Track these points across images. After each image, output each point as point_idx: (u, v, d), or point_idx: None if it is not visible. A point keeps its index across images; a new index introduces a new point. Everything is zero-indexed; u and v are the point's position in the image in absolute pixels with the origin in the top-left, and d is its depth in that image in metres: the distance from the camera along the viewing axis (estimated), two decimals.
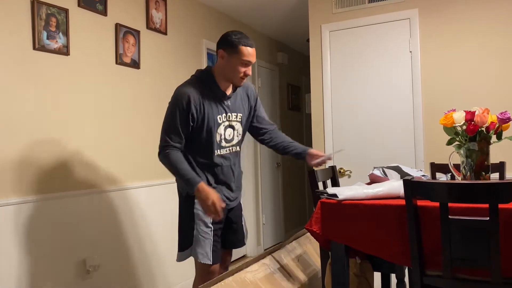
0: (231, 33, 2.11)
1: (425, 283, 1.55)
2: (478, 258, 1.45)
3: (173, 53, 3.52)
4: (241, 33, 2.12)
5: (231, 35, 2.09)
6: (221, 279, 1.88)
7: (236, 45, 2.07)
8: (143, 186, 3.16)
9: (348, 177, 3.48)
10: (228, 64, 2.11)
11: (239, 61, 2.08)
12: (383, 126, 3.37)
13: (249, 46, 2.09)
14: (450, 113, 1.83)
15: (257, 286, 2.04)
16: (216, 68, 2.17)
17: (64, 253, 2.57)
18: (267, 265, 2.22)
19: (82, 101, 2.72)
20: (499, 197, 1.38)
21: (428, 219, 1.53)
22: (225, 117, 2.19)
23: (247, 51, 2.08)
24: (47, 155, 2.51)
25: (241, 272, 2.01)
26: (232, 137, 2.25)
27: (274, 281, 2.16)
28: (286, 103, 5.42)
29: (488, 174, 1.79)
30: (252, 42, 2.12)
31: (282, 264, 2.32)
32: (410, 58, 3.27)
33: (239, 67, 2.09)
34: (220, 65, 2.14)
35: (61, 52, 2.57)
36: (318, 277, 2.50)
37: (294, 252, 2.54)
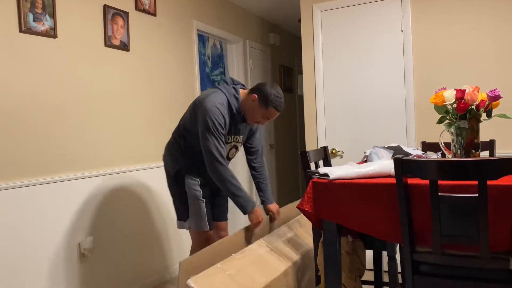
0: (273, 91, 2.26)
1: (416, 259, 1.58)
2: (467, 234, 1.47)
3: (163, 35, 3.48)
4: (280, 93, 2.29)
5: (272, 94, 2.25)
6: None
7: (269, 105, 2.26)
8: (136, 169, 3.15)
9: (340, 158, 3.50)
10: (253, 109, 2.30)
11: (262, 114, 2.29)
12: (375, 106, 3.38)
13: (279, 111, 2.30)
14: (440, 92, 1.83)
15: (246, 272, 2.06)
16: (243, 99, 2.33)
17: (59, 236, 2.57)
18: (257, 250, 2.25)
19: (71, 85, 2.69)
20: (487, 174, 1.40)
21: (419, 196, 1.55)
22: (233, 138, 2.41)
23: (274, 113, 2.29)
24: (37, 138, 2.49)
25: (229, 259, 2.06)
26: (233, 155, 2.51)
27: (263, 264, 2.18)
28: (278, 84, 5.39)
29: (478, 151, 1.81)
30: (283, 106, 2.31)
31: (271, 247, 2.35)
32: (402, 37, 3.26)
33: (260, 118, 2.32)
34: (248, 103, 2.31)
35: (48, 34, 2.53)
36: (310, 256, 2.53)
37: (285, 236, 2.57)
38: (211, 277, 1.88)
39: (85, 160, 2.78)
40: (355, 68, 3.44)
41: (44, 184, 2.50)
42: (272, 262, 2.25)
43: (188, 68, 3.77)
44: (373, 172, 1.73)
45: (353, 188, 1.68)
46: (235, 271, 2.00)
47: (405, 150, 2.18)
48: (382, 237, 1.68)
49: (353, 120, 3.45)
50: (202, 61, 4.15)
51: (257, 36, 4.93)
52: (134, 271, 3.12)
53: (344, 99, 3.48)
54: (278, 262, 2.29)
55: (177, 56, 3.63)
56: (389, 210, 1.60)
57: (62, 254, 2.59)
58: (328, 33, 3.52)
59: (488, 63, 3.01)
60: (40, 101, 2.51)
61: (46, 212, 2.51)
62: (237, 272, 2.00)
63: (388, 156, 2.07)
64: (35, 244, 2.45)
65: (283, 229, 2.61)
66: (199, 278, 1.82)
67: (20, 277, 2.36)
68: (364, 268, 2.17)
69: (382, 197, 1.62)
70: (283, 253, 2.38)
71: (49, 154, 2.55)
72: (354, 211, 1.68)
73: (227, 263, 2.01)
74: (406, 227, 1.54)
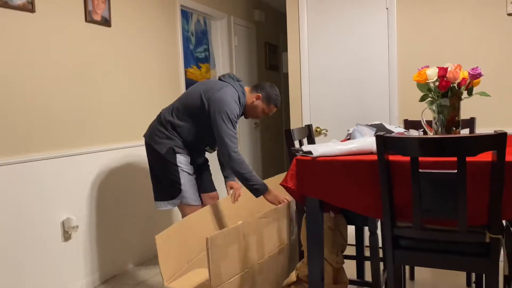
0: (274, 91, 2.59)
1: (396, 234, 1.61)
2: (445, 209, 1.50)
3: (146, 10, 3.40)
4: (279, 94, 2.63)
5: (273, 93, 2.58)
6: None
7: (271, 103, 2.59)
8: (118, 147, 3.13)
9: (324, 136, 3.53)
10: (256, 106, 2.59)
11: (262, 110, 2.61)
12: (359, 84, 3.39)
13: (277, 107, 2.64)
14: (423, 70, 1.84)
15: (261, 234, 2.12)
16: (248, 96, 2.59)
17: (43, 215, 2.56)
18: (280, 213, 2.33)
19: (49, 61, 2.63)
20: (466, 150, 1.42)
21: (400, 173, 1.58)
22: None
23: (273, 109, 2.64)
24: (12, 116, 2.44)
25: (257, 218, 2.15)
26: None
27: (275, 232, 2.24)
28: (263, 62, 5.36)
29: (459, 129, 1.84)
30: (280, 102, 2.66)
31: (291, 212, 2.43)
32: (387, 15, 3.25)
33: (260, 113, 2.63)
34: (251, 101, 2.58)
35: (25, 8, 2.45)
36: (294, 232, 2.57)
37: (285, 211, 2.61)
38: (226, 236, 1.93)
39: (66, 138, 2.74)
40: (340, 46, 3.43)
41: (24, 163, 2.46)
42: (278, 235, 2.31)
43: (171, 44, 3.71)
44: (355, 149, 1.75)
45: (335, 165, 1.70)
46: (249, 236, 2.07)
47: (387, 128, 2.20)
48: (363, 212, 1.71)
49: (338, 98, 3.47)
50: (186, 37, 4.09)
51: (242, 12, 4.86)
52: (119, 249, 3.13)
53: (329, 77, 3.48)
54: (281, 237, 2.34)
55: (160, 32, 3.57)
56: (370, 186, 1.63)
57: (45, 233, 2.58)
58: (313, 10, 3.49)
59: (471, 42, 3.04)
60: (16, 78, 2.45)
61: (27, 190, 2.48)
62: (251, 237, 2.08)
63: (370, 134, 2.09)
64: (17, 223, 2.43)
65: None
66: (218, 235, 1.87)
67: (2, 257, 2.35)
68: (346, 243, 2.21)
69: (364, 174, 1.64)
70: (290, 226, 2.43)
71: (28, 132, 2.51)
72: (336, 188, 1.70)
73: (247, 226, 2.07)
74: (387, 203, 1.57)
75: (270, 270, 2.22)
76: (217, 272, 1.84)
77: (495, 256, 1.48)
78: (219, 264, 1.85)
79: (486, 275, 1.56)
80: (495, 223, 1.45)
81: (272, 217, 2.25)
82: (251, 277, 2.05)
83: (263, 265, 2.15)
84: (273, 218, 2.26)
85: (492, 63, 2.98)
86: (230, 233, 1.94)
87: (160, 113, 2.65)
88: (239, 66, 4.74)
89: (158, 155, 2.53)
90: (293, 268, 2.50)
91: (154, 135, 2.57)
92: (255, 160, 5.14)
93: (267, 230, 2.21)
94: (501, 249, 1.51)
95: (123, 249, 3.16)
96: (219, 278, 1.85)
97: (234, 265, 1.95)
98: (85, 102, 2.87)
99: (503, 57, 2.96)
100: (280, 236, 2.34)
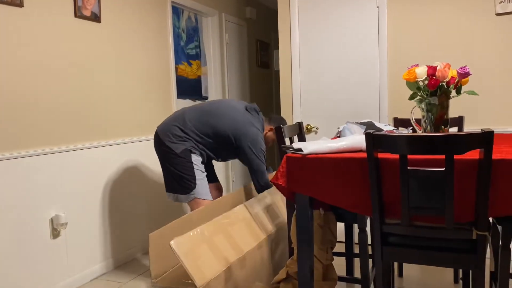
0: (283, 121, 2.98)
1: (385, 231, 1.63)
2: (433, 206, 1.52)
3: (136, 7, 3.38)
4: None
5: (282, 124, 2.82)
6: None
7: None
8: (108, 144, 3.11)
9: (315, 133, 3.54)
10: (269, 137, 2.97)
11: (274, 140, 2.94)
12: (349, 82, 3.41)
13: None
14: (413, 68, 1.86)
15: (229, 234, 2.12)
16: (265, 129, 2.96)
17: (31, 212, 2.53)
18: (240, 214, 2.32)
19: (38, 57, 2.60)
20: (454, 148, 1.44)
21: (388, 170, 1.59)
22: None
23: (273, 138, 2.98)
24: (3, 112, 2.41)
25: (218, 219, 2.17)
26: None
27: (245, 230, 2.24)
28: (255, 60, 5.36)
29: (447, 127, 1.86)
30: None
31: (252, 213, 2.41)
32: (377, 13, 3.27)
33: (271, 142, 3.00)
34: (265, 132, 2.94)
35: (13, 3, 2.42)
36: (284, 228, 2.58)
37: (264, 201, 2.62)
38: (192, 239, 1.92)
39: (55, 134, 2.72)
40: (331, 44, 3.44)
41: (12, 159, 2.44)
42: (249, 232, 2.31)
43: (162, 41, 3.69)
44: (345, 147, 1.76)
45: (325, 162, 1.71)
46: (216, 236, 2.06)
47: (377, 126, 2.22)
48: (353, 209, 1.72)
49: (328, 96, 3.48)
50: (177, 34, 4.07)
51: (233, 9, 4.85)
52: (108, 246, 3.12)
53: (320, 75, 3.50)
54: (255, 233, 2.34)
55: (150, 29, 3.54)
56: (360, 183, 1.64)
57: (34, 230, 2.56)
58: (304, 8, 3.49)
59: (460, 41, 3.07)
60: (4, 74, 2.42)
61: (16, 187, 2.46)
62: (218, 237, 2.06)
63: (360, 132, 2.10)
64: (5, 220, 2.40)
65: (264, 194, 2.69)
66: (181, 239, 1.86)
67: None
68: (335, 240, 2.23)
69: (354, 171, 1.65)
70: (261, 223, 2.44)
71: (16, 128, 2.48)
72: (326, 185, 1.71)
73: (210, 227, 2.06)
74: (376, 200, 1.58)
75: (252, 265, 2.23)
76: (197, 271, 1.84)
77: (482, 253, 1.51)
78: (197, 264, 1.86)
79: (473, 272, 1.58)
80: (482, 220, 1.48)
81: (233, 218, 2.30)
82: (233, 273, 2.06)
83: (244, 261, 2.15)
84: (234, 220, 2.31)
85: (480, 62, 3.01)
86: (194, 236, 1.96)
87: (183, 113, 2.79)
88: (230, 64, 4.73)
89: (172, 152, 2.70)
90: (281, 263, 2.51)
91: (170, 133, 2.72)
92: None
93: (235, 229, 2.23)
94: (487, 246, 1.54)
95: (113, 246, 3.14)
96: (202, 275, 1.85)
97: (212, 263, 1.95)
98: (75, 99, 2.84)
99: (491, 56, 2.99)
100: (253, 233, 2.35)
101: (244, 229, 2.31)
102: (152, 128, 3.48)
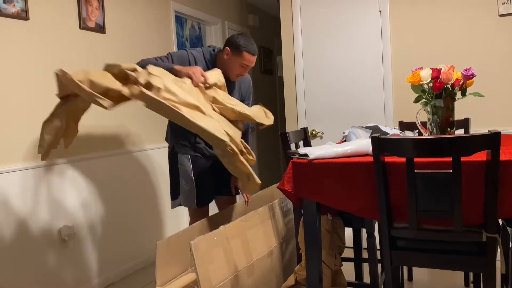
0: (240, 37, 2.37)
1: (393, 235, 1.62)
2: (441, 209, 1.51)
3: (140, 17, 3.41)
4: (250, 39, 2.39)
5: (240, 40, 2.35)
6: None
7: (241, 50, 2.34)
8: (115, 154, 3.12)
9: (320, 139, 3.53)
10: (229, 62, 2.38)
11: (238, 63, 2.37)
12: (353, 87, 3.41)
13: (252, 54, 2.37)
14: (417, 71, 1.86)
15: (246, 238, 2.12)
16: (218, 59, 2.44)
17: (40, 223, 2.55)
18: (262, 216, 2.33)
19: (44, 69, 2.63)
20: (461, 150, 1.43)
21: (395, 174, 1.58)
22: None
23: (248, 57, 2.36)
24: (11, 124, 2.43)
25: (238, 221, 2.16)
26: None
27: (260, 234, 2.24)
28: (258, 66, 5.38)
29: (453, 129, 1.85)
30: (256, 49, 2.39)
31: (272, 216, 2.40)
32: (380, 17, 3.27)
33: (237, 68, 2.39)
34: (223, 59, 2.41)
35: (19, 16, 2.45)
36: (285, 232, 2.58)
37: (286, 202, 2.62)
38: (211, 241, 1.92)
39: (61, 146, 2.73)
40: (334, 48, 3.45)
41: (22, 170, 2.45)
42: (264, 237, 2.31)
43: (166, 50, 3.71)
44: (351, 151, 1.75)
45: (331, 167, 1.70)
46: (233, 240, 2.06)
47: (382, 130, 2.21)
48: (360, 214, 1.71)
49: (333, 101, 3.48)
50: (181, 43, 4.09)
51: (236, 17, 4.88)
52: (116, 256, 3.12)
53: (324, 80, 3.50)
54: (269, 239, 2.34)
55: (154, 38, 3.57)
56: (366, 187, 1.64)
57: (43, 240, 2.57)
58: (307, 13, 3.51)
59: (463, 43, 3.06)
60: (11, 86, 2.44)
61: (25, 198, 2.47)
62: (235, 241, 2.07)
63: (366, 136, 2.10)
64: (15, 231, 2.41)
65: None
66: (202, 240, 1.87)
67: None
68: (344, 246, 2.22)
69: (360, 175, 1.65)
70: (276, 227, 2.43)
71: (25, 140, 2.50)
72: (333, 190, 1.70)
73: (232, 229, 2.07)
74: (384, 204, 1.57)
75: (260, 273, 2.22)
76: (205, 277, 1.83)
77: (492, 255, 1.49)
78: (207, 269, 1.85)
79: (484, 275, 1.56)
80: (491, 222, 1.46)
81: (254, 221, 2.26)
82: (240, 281, 2.05)
83: (252, 269, 2.14)
84: (256, 222, 2.27)
85: (485, 63, 3.00)
86: (213, 237, 1.94)
87: None
88: None
89: (168, 153, 2.59)
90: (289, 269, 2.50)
91: (167, 134, 2.65)
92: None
93: (252, 233, 2.21)
94: (497, 248, 1.52)
95: (120, 256, 3.15)
96: (209, 283, 1.84)
97: (222, 269, 1.95)
98: None
99: (495, 57, 2.98)
100: (267, 239, 2.33)
101: (260, 234, 2.29)
102: (158, 137, 3.50)
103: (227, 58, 2.39)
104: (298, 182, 1.77)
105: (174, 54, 2.39)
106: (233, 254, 2.03)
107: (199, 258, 1.81)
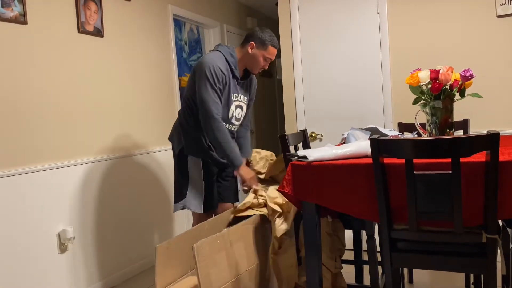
0: (265, 31, 2.44)
1: (393, 236, 1.61)
2: (441, 210, 1.51)
3: (138, 20, 3.41)
4: (272, 33, 2.46)
5: (265, 34, 2.42)
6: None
7: (267, 44, 2.42)
8: (114, 157, 3.12)
9: (319, 141, 3.53)
10: (254, 56, 2.44)
11: (263, 57, 2.44)
12: (352, 89, 3.41)
13: (276, 47, 2.46)
14: (415, 73, 1.85)
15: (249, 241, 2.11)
16: (241, 55, 2.47)
17: (37, 227, 2.54)
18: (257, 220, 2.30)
19: (43, 73, 2.63)
20: (460, 151, 1.43)
21: (395, 175, 1.58)
22: (237, 97, 2.50)
23: (273, 51, 2.45)
24: (9, 129, 2.43)
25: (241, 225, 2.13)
26: (240, 116, 2.57)
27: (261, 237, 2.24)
28: None
29: (452, 131, 1.85)
30: (278, 43, 2.48)
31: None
32: (378, 19, 3.28)
33: (262, 61, 2.46)
34: (246, 54, 2.45)
35: (17, 21, 2.45)
36: None
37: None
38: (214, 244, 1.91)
39: (62, 149, 2.73)
40: (333, 51, 3.45)
41: (21, 175, 2.45)
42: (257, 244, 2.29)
43: (165, 53, 3.71)
44: (350, 153, 1.75)
45: (331, 169, 1.70)
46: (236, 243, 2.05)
47: (381, 131, 2.21)
48: (360, 216, 1.71)
49: (332, 103, 3.48)
50: (179, 46, 4.10)
51: (234, 20, 4.89)
52: (117, 260, 3.11)
53: (322, 83, 3.50)
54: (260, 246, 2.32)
55: (153, 42, 3.57)
56: (366, 189, 1.63)
57: (41, 245, 2.56)
58: (305, 16, 3.51)
59: (462, 44, 3.06)
60: (10, 91, 2.44)
61: (23, 202, 2.47)
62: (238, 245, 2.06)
63: (365, 138, 2.10)
64: (13, 235, 2.41)
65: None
66: (205, 243, 1.85)
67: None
68: (344, 248, 2.21)
69: (359, 177, 1.65)
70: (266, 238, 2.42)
71: (25, 144, 2.50)
72: (332, 192, 1.70)
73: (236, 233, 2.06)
74: (383, 205, 1.57)
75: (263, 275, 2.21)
76: (207, 280, 1.82)
77: (492, 256, 1.48)
78: (209, 272, 1.84)
79: (484, 276, 1.56)
80: (491, 223, 1.46)
81: (255, 224, 2.23)
82: (241, 285, 2.04)
83: (253, 272, 2.13)
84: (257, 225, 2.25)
85: (483, 64, 3.00)
86: (216, 240, 1.93)
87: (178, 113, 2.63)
88: None
89: (174, 155, 2.56)
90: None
91: (172, 135, 2.59)
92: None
93: (254, 237, 2.19)
94: (498, 249, 1.52)
95: (120, 260, 3.14)
96: (210, 286, 1.83)
97: (223, 273, 1.93)
98: (80, 113, 2.86)
99: (493, 58, 2.99)
100: (268, 242, 2.32)
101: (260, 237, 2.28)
102: (156, 140, 3.49)
103: (252, 52, 2.44)
104: (298, 184, 1.77)
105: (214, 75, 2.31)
106: (235, 258, 2.02)
107: (202, 261, 1.80)
